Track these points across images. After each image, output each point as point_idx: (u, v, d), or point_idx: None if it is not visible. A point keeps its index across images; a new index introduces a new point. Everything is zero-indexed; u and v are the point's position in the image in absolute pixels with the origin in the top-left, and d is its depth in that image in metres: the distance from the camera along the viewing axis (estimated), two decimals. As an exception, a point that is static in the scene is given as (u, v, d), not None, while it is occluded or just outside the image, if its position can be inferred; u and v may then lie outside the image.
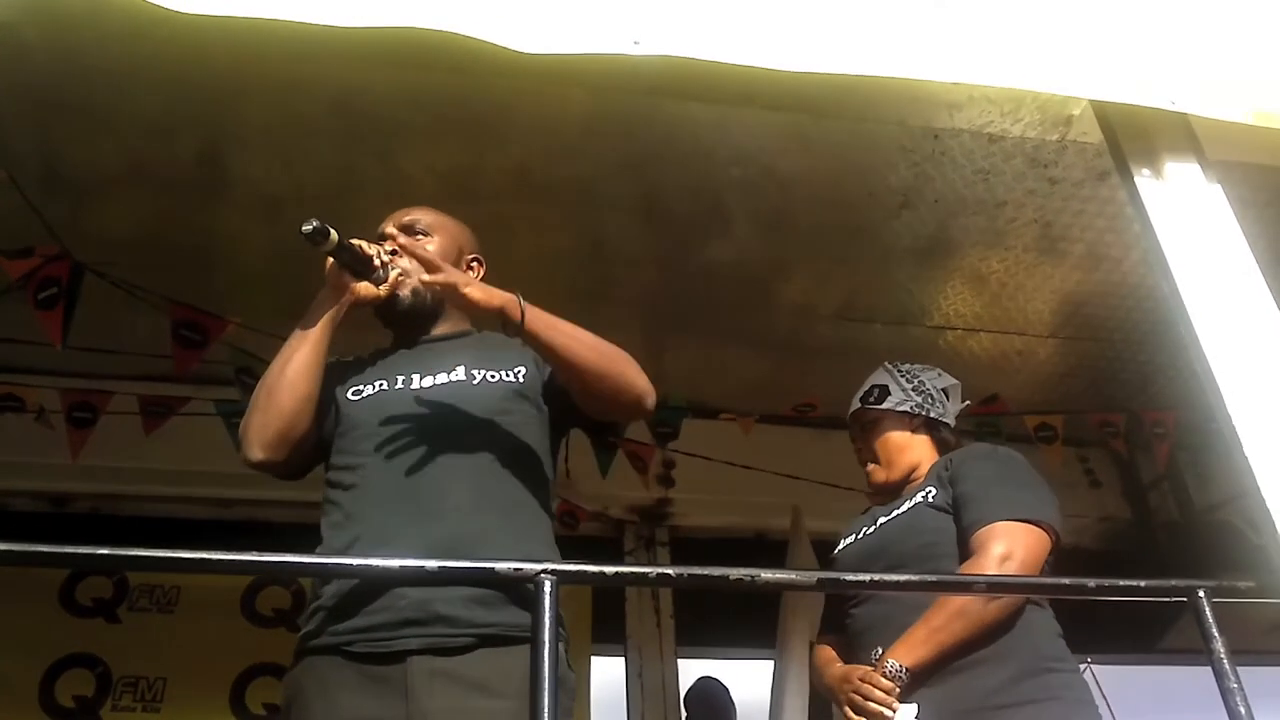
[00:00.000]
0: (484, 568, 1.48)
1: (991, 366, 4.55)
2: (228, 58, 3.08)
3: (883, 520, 2.40)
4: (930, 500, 2.30)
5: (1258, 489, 1.71)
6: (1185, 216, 1.99)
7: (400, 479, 1.87)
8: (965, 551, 2.18)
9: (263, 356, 3.17)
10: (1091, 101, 2.19)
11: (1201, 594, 1.51)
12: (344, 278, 1.98)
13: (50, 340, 3.29)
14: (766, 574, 1.50)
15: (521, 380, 2.04)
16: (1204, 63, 2.07)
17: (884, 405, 2.55)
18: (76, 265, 3.38)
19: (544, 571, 1.42)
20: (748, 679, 4.52)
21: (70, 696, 3.88)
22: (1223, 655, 1.46)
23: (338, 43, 2.73)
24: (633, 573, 1.72)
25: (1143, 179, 2.04)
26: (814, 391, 4.33)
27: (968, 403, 2.68)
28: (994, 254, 3.98)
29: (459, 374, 2.01)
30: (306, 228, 1.85)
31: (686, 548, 4.71)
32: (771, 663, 4.07)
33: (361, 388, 2.03)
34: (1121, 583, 1.63)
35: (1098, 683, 3.38)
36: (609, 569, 1.57)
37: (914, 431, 2.53)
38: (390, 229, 2.17)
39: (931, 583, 1.98)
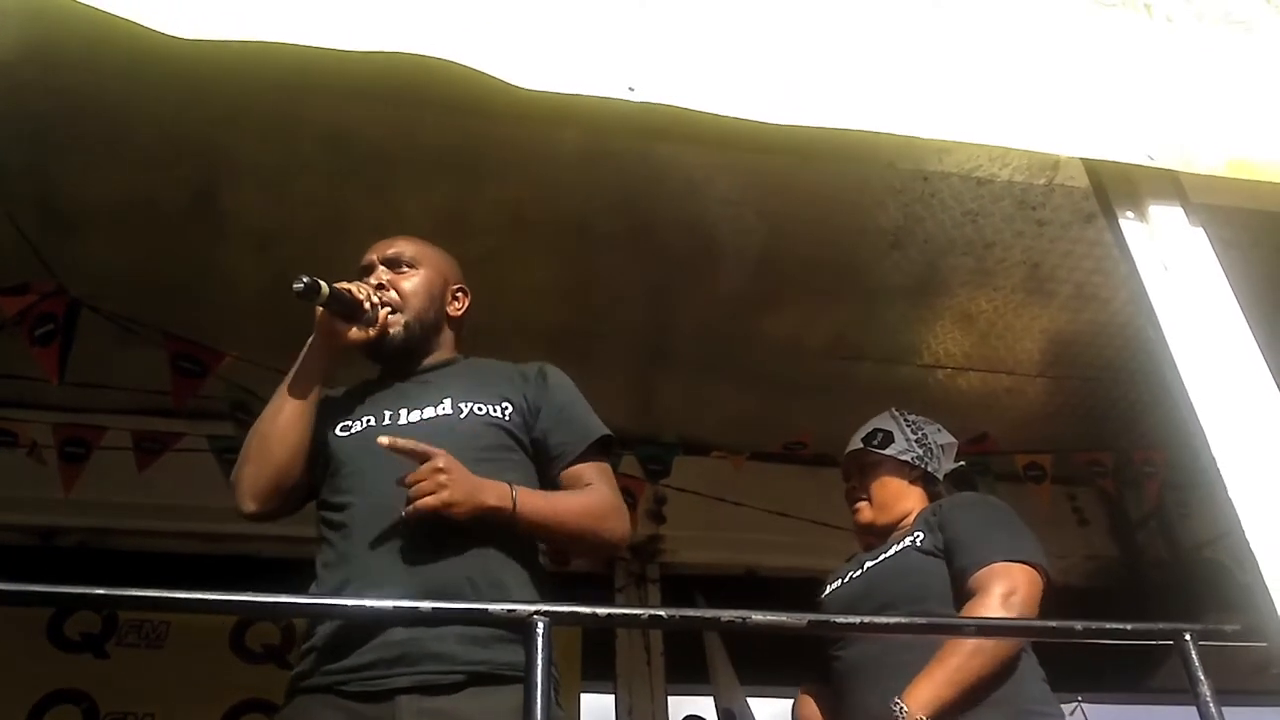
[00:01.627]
0: (477, 609, 1.49)
1: (980, 405, 4.57)
2: (222, 95, 3.11)
3: (869, 564, 2.41)
4: (918, 545, 2.32)
5: (1241, 529, 1.72)
6: (1169, 260, 2.02)
7: (389, 519, 1.85)
8: (961, 593, 2.19)
9: (257, 391, 3.18)
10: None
11: (1188, 637, 1.53)
12: (335, 325, 1.99)
13: (47, 376, 3.30)
14: (757, 616, 1.51)
15: (506, 418, 2.03)
16: (1180, 116, 2.12)
17: (887, 451, 2.57)
18: (73, 301, 3.39)
19: (537, 613, 1.42)
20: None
21: (57, 732, 3.85)
22: (1209, 698, 1.48)
23: (332, 79, 2.78)
24: (625, 614, 1.72)
25: (1127, 223, 2.07)
26: (804, 429, 4.35)
27: (961, 464, 2.71)
28: (983, 294, 4.01)
29: (445, 408, 2.00)
30: (298, 286, 1.86)
31: (677, 584, 4.69)
32: (764, 700, 4.06)
33: (350, 424, 2.03)
34: (1109, 625, 1.64)
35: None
36: (601, 610, 1.57)
37: (911, 482, 2.55)
38: (376, 260, 2.17)
39: (921, 625, 1.99)
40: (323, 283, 1.89)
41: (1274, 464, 1.76)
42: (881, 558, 2.39)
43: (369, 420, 2.02)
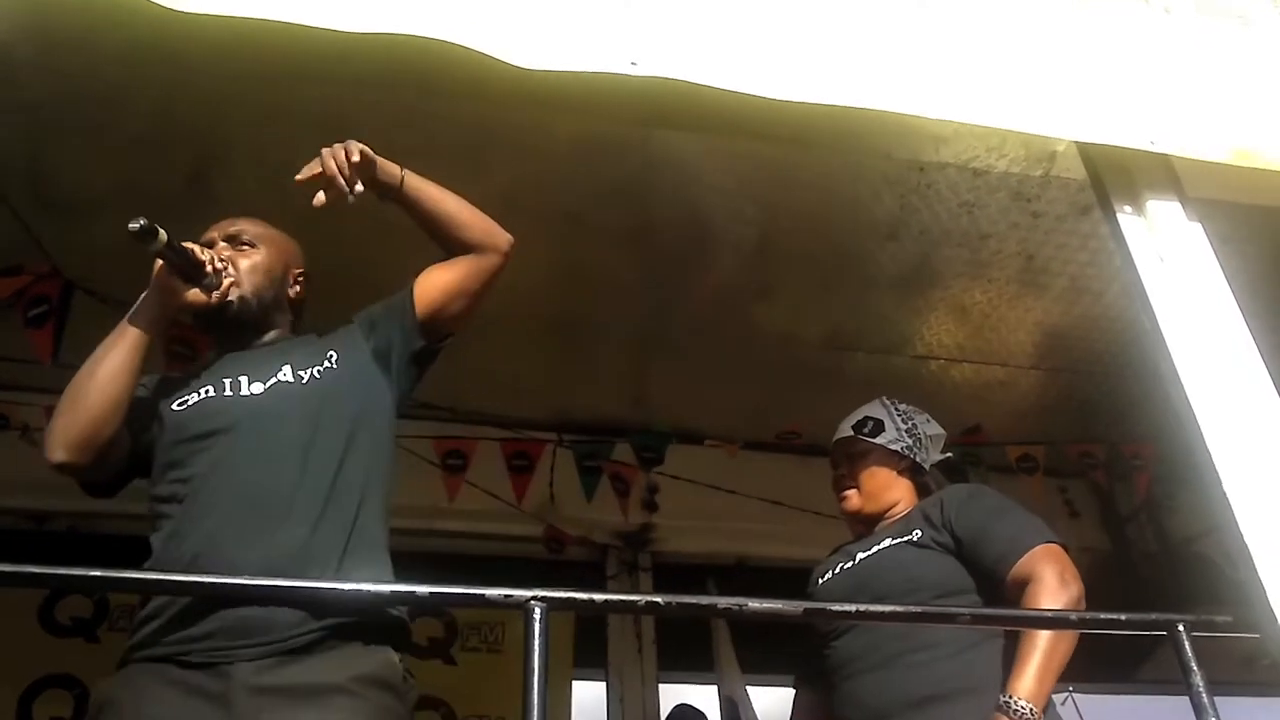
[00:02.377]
0: (474, 594, 1.50)
1: (974, 397, 4.59)
2: (218, 80, 3.10)
3: (862, 556, 2.42)
4: (914, 540, 2.33)
5: (1235, 524, 1.73)
6: (1166, 254, 2.02)
7: (235, 488, 1.84)
8: (1003, 583, 2.20)
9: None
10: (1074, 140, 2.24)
11: (1181, 628, 1.54)
12: (172, 281, 1.94)
13: (39, 358, 3.29)
14: (754, 604, 1.52)
15: (335, 364, 2.04)
16: (1183, 103, 2.11)
17: (877, 440, 2.57)
18: (67, 283, 3.38)
19: (534, 598, 1.43)
20: (728, 705, 4.52)
21: (48, 717, 3.84)
22: (1201, 688, 1.49)
23: (327, 65, 2.77)
24: (622, 600, 1.72)
25: (1125, 216, 2.07)
26: (798, 418, 4.36)
27: (949, 455, 2.72)
28: (977, 286, 4.02)
29: (285, 374, 2.00)
30: (134, 226, 1.81)
31: (669, 573, 4.71)
32: (757, 690, 4.08)
33: (186, 397, 1.98)
34: (1103, 615, 1.66)
35: (1079, 711, 3.40)
36: (599, 596, 1.58)
37: (899, 472, 2.57)
38: (217, 236, 2.14)
39: (914, 614, 2.00)
40: (161, 230, 1.85)
41: (1268, 458, 1.77)
42: (874, 550, 2.40)
43: (207, 391, 1.97)
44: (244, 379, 1.98)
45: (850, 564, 2.44)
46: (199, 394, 1.97)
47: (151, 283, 1.94)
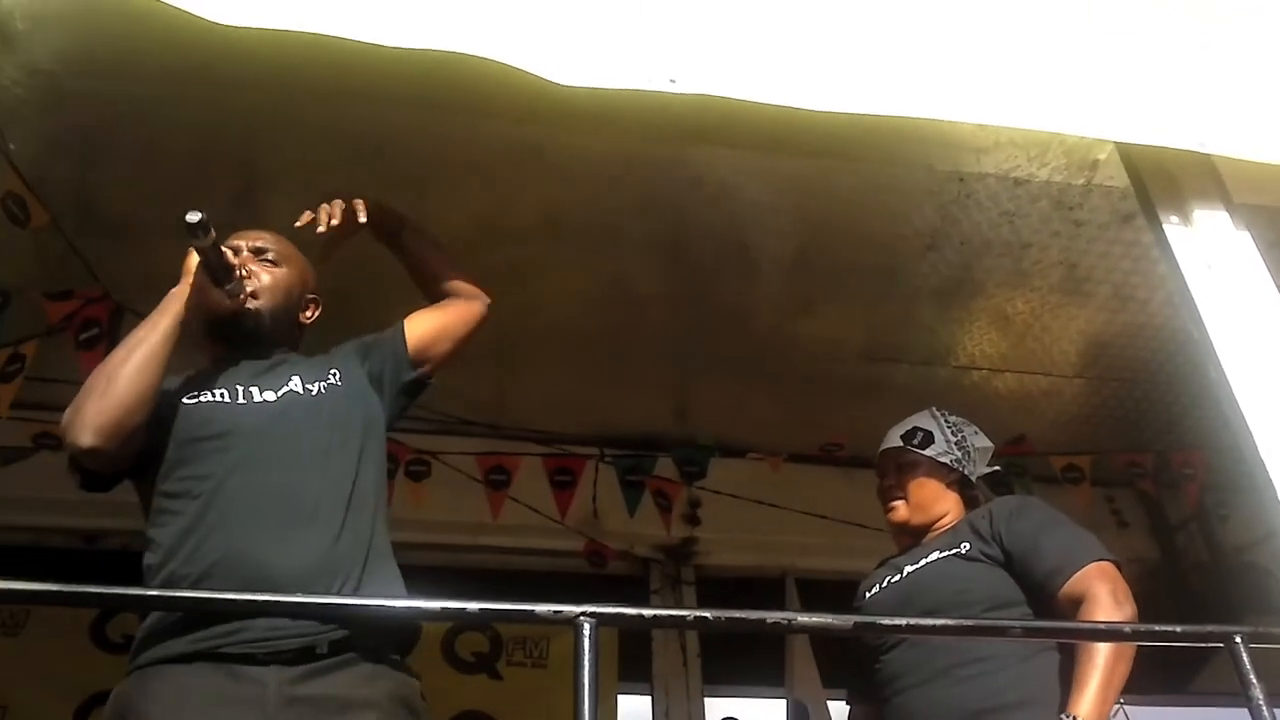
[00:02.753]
0: (524, 610, 1.50)
1: (1017, 407, 4.55)
2: (259, 102, 3.15)
3: (910, 569, 2.41)
4: (963, 553, 2.32)
5: (1291, 532, 1.71)
6: (1213, 261, 2.01)
7: (258, 491, 1.85)
8: (1056, 599, 2.18)
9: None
10: (1118, 146, 2.22)
11: (1239, 640, 1.51)
12: (204, 279, 1.98)
13: (92, 381, 3.33)
14: (803, 617, 1.52)
15: (339, 381, 2.08)
16: (1232, 104, 2.09)
17: (926, 451, 2.55)
18: (117, 306, 3.43)
19: (583, 614, 1.43)
20: (774, 719, 4.50)
21: (102, 733, 3.89)
22: (1261, 701, 1.46)
23: (368, 86, 2.80)
24: (671, 615, 1.72)
25: (1171, 226, 2.06)
26: (840, 431, 4.34)
27: (996, 468, 2.69)
28: (1019, 295, 3.99)
29: (295, 384, 2.03)
30: (192, 217, 1.86)
31: (712, 587, 4.70)
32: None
33: (200, 396, 1.99)
34: (1158, 628, 1.63)
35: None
36: (648, 611, 1.58)
37: (948, 485, 2.54)
38: (243, 246, 2.15)
39: (966, 627, 1.98)
40: (212, 229, 1.90)
41: (1322, 465, 1.75)
42: (922, 563, 2.38)
43: (221, 394, 1.99)
44: (255, 388, 2.00)
45: (898, 578, 2.42)
46: (212, 395, 1.98)
47: (186, 281, 1.99)
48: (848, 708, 2.62)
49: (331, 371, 2.10)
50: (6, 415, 3.42)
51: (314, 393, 2.03)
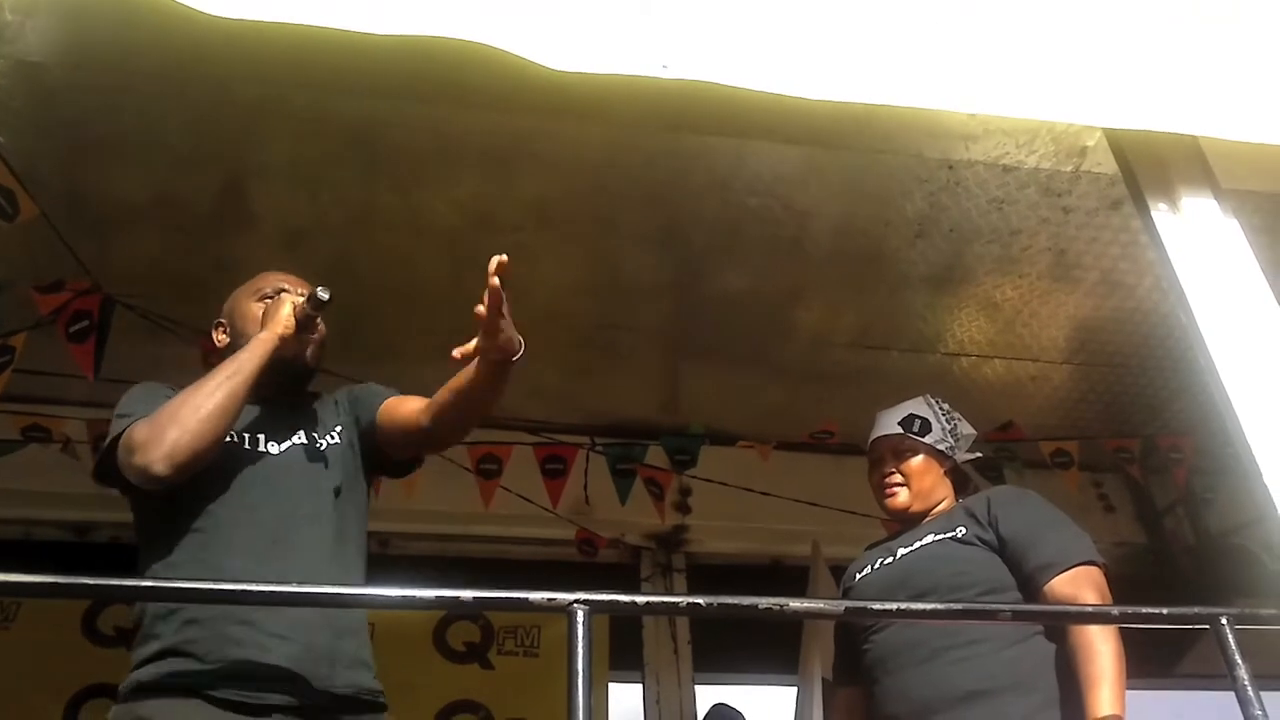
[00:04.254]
0: (518, 598, 1.51)
1: (1005, 393, 4.57)
2: (251, 94, 3.14)
3: (903, 552, 2.41)
4: (959, 536, 2.33)
5: (1276, 515, 1.73)
6: (1201, 247, 2.02)
7: (254, 537, 1.90)
8: (1040, 590, 2.20)
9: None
10: (1106, 133, 2.23)
11: (1224, 621, 1.53)
12: (297, 326, 2.02)
13: (83, 373, 3.33)
14: (795, 603, 1.53)
15: (339, 439, 2.11)
16: (1219, 86, 2.08)
17: (926, 439, 2.55)
18: (107, 298, 3.43)
19: (577, 601, 1.44)
20: (765, 706, 4.52)
21: (93, 724, 3.90)
22: (1246, 682, 1.48)
23: (359, 78, 2.80)
24: (664, 602, 1.72)
25: (1159, 212, 2.07)
26: (831, 418, 4.35)
27: (978, 455, 2.71)
28: (1008, 281, 4.01)
29: (300, 438, 2.07)
30: (323, 295, 1.97)
31: (703, 574, 4.72)
32: (791, 689, 4.08)
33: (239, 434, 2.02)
34: (1145, 610, 1.65)
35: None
36: (641, 598, 1.59)
37: (944, 473, 2.55)
38: (292, 290, 2.15)
39: (957, 611, 1.99)
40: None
41: (1309, 449, 1.76)
42: (916, 546, 2.39)
43: (231, 438, 1.98)
44: (261, 436, 2.03)
45: (891, 559, 2.43)
46: (229, 437, 1.98)
47: (277, 322, 2.00)
48: (834, 689, 2.63)
49: (335, 428, 2.14)
50: (-5, 407, 3.43)
51: (319, 446, 2.08)
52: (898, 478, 2.53)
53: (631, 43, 1.89)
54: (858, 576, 2.52)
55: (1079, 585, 2.17)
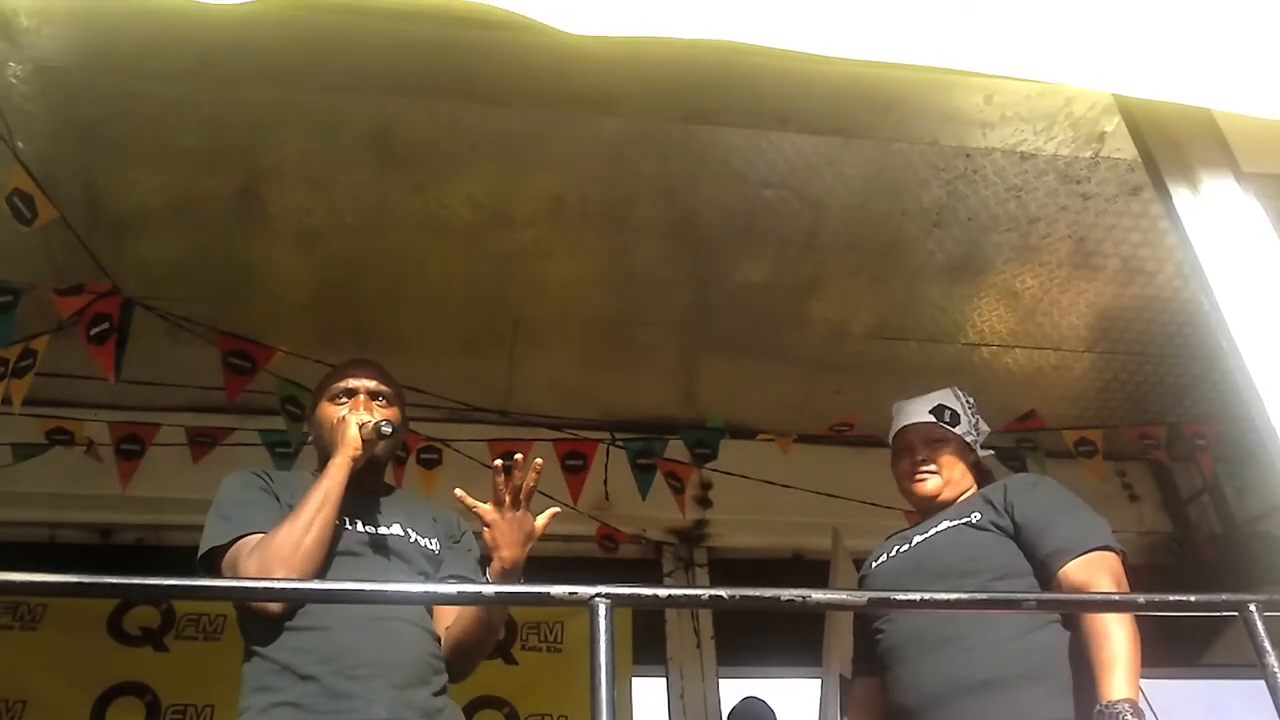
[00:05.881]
0: (540, 592, 1.50)
1: (1027, 382, 4.55)
2: (265, 95, 3.15)
3: (919, 539, 2.41)
4: (974, 522, 2.32)
5: (1304, 501, 1.71)
6: (1222, 231, 1.99)
7: (362, 626, 1.98)
8: (1054, 574, 2.19)
9: (306, 385, 3.22)
10: (1124, 116, 2.21)
11: (1253, 608, 1.51)
12: (370, 447, 2.15)
13: (104, 375, 3.35)
14: (818, 594, 1.51)
15: (436, 553, 2.25)
16: (1239, 61, 2.05)
17: (956, 429, 2.56)
18: (127, 300, 3.44)
19: (598, 595, 1.43)
20: (789, 698, 4.52)
21: (121, 722, 3.93)
22: (1276, 669, 1.46)
23: (372, 77, 2.80)
24: (686, 595, 1.71)
25: (1179, 195, 2.04)
26: (850, 410, 4.34)
27: (991, 450, 2.70)
28: (1027, 270, 3.99)
29: (396, 529, 2.20)
30: (386, 430, 2.13)
31: (724, 568, 4.72)
32: (815, 682, 4.07)
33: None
34: (1171, 597, 1.63)
35: (1145, 697, 3.35)
36: (662, 591, 1.57)
37: (969, 465, 2.56)
38: (360, 390, 2.27)
39: (981, 600, 1.98)
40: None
41: (1336, 433, 1.74)
42: (931, 533, 2.39)
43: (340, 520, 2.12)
44: (359, 520, 2.17)
45: (906, 547, 2.43)
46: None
47: (351, 446, 2.11)
48: (851, 681, 2.62)
49: (433, 540, 2.26)
50: (19, 411, 3.44)
51: (410, 540, 2.21)
52: (930, 465, 2.53)
53: (652, 3, 1.87)
54: (874, 564, 2.52)
55: (1093, 571, 2.15)
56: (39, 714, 3.86)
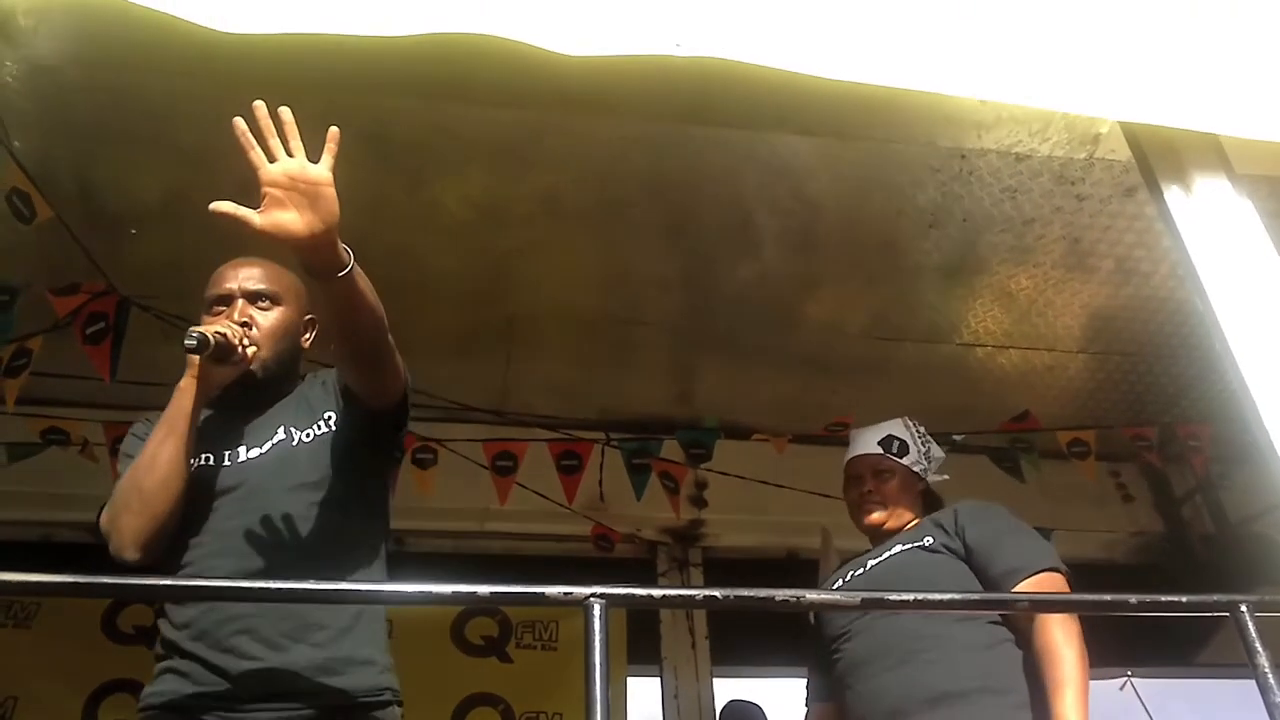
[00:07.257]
0: (535, 593, 1.50)
1: (1021, 383, 4.55)
2: (262, 93, 3.13)
3: (873, 563, 2.48)
4: (926, 545, 2.39)
5: (1297, 502, 1.72)
6: (1216, 232, 2.00)
7: (238, 555, 1.89)
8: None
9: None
10: (1120, 121, 2.22)
11: (1244, 608, 1.51)
12: (210, 370, 1.92)
13: (99, 374, 3.34)
14: (812, 595, 1.52)
15: (326, 426, 2.04)
16: (1236, 83, 2.07)
17: (904, 460, 2.64)
18: (123, 300, 3.44)
19: (593, 595, 1.44)
20: (784, 697, 4.52)
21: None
22: (1267, 669, 1.47)
23: (369, 75, 2.80)
24: (680, 595, 1.72)
25: (1173, 197, 2.05)
26: (845, 410, 4.34)
27: (945, 476, 2.75)
28: (1022, 271, 3.99)
29: (279, 435, 2.02)
30: (189, 343, 1.82)
31: (719, 568, 4.72)
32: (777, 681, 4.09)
33: (191, 461, 1.96)
34: (1164, 598, 1.63)
35: (1139, 696, 3.37)
36: (656, 591, 1.59)
37: (918, 493, 2.65)
38: (236, 291, 2.07)
39: (974, 600, 1.99)
40: (210, 336, 1.86)
41: (1328, 435, 1.75)
42: (885, 556, 2.46)
43: (207, 459, 2.00)
44: (241, 447, 2.02)
45: (862, 571, 2.50)
46: (200, 460, 1.98)
47: (190, 372, 1.92)
48: (806, 708, 2.64)
49: (327, 415, 2.07)
50: (13, 410, 3.43)
51: (293, 444, 2.02)
52: (875, 496, 2.60)
53: (643, 22, 1.88)
54: (833, 589, 2.57)
55: (1044, 590, 2.21)
56: (30, 710, 3.86)
